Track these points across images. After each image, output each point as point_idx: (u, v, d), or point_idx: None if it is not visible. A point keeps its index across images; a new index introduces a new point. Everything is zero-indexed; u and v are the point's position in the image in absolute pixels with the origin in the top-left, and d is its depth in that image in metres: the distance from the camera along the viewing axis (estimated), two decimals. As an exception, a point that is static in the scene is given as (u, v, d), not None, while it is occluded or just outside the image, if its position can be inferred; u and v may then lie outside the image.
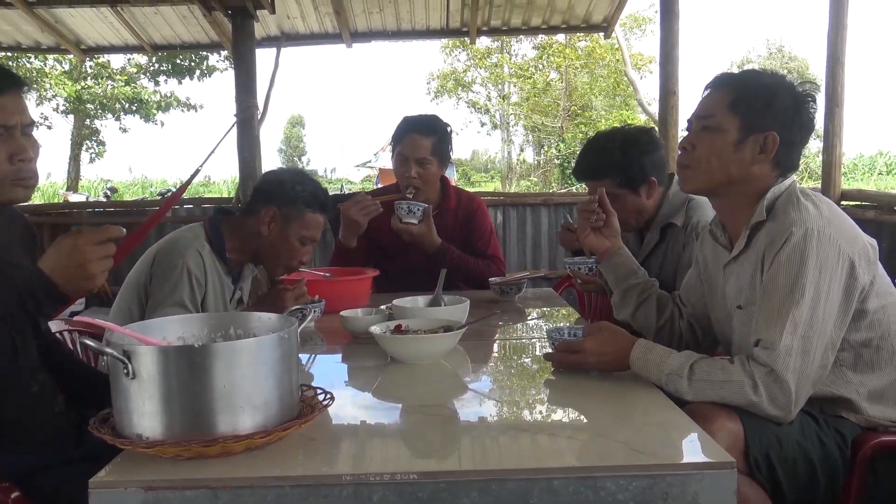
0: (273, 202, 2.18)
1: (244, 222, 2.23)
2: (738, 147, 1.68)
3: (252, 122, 5.55)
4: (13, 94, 1.46)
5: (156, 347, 1.18)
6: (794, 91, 1.69)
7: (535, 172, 25.07)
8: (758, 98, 1.67)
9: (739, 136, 1.67)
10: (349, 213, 2.75)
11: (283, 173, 2.29)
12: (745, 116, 1.67)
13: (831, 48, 4.54)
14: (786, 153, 1.68)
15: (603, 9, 6.54)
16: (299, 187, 2.22)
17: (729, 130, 1.68)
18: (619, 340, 1.65)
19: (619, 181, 2.37)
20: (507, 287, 2.64)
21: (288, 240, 2.20)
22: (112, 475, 1.13)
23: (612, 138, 2.44)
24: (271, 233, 2.20)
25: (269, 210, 2.18)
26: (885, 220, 4.24)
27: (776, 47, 30.15)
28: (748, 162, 1.68)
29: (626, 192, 2.37)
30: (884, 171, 23.35)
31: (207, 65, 16.71)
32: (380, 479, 1.11)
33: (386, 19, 6.48)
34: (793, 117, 1.67)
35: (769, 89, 1.68)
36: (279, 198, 2.19)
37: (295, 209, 2.19)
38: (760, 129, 1.66)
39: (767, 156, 1.66)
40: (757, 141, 1.66)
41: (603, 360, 1.64)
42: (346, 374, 1.77)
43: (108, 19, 6.37)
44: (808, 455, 1.53)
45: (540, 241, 6.11)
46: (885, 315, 1.62)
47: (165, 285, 2.06)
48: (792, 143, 1.68)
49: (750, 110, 1.67)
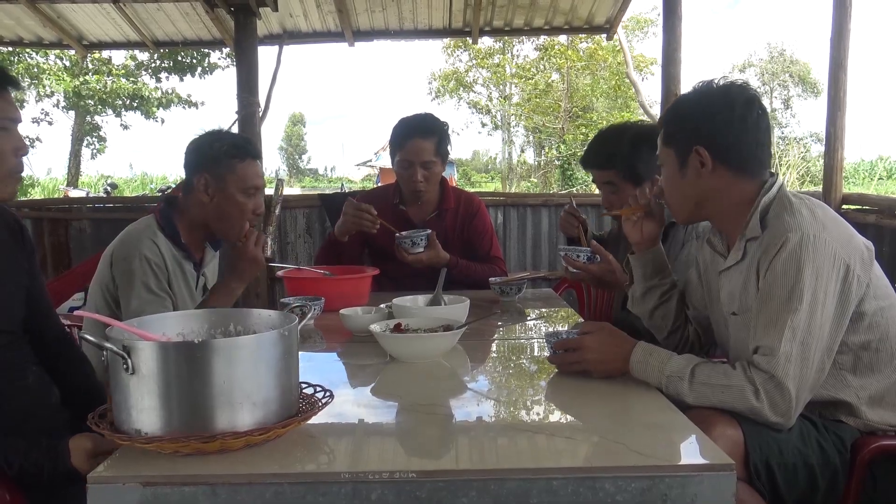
0: (201, 169, 2.16)
1: (187, 202, 2.21)
2: (682, 173, 1.75)
3: (253, 119, 5.53)
4: (7, 92, 1.53)
5: (156, 343, 1.18)
6: (708, 96, 1.73)
7: (535, 173, 25.07)
8: (676, 124, 1.77)
9: (679, 163, 1.75)
10: (346, 213, 2.75)
11: (198, 139, 2.25)
12: (674, 144, 1.76)
13: (834, 52, 4.53)
14: (728, 156, 1.69)
15: (606, 10, 6.53)
16: (217, 143, 2.19)
17: (669, 163, 1.79)
18: (619, 341, 1.65)
19: (623, 174, 2.39)
20: (507, 287, 2.64)
21: (231, 198, 2.17)
22: (110, 470, 1.13)
23: (623, 131, 2.46)
24: (212, 198, 2.17)
25: (200, 178, 2.16)
26: (886, 225, 4.24)
27: (777, 51, 30.16)
28: (697, 179, 1.73)
29: (629, 186, 2.38)
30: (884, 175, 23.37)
31: (209, 62, 16.71)
32: (378, 478, 1.11)
33: (388, 18, 6.48)
34: (710, 121, 1.69)
35: (680, 111, 1.79)
36: (204, 162, 2.17)
37: (223, 165, 2.16)
38: (689, 148, 1.72)
39: (709, 167, 1.70)
40: (694, 159, 1.71)
41: (602, 358, 1.62)
42: (345, 372, 1.76)
43: (110, 15, 6.35)
44: (807, 461, 1.53)
45: (540, 242, 6.09)
46: (883, 318, 1.62)
47: (129, 282, 2.06)
48: (728, 145, 1.69)
49: (673, 138, 1.77)
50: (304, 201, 6.12)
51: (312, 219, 5.95)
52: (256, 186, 2.21)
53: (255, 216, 2.22)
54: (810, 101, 29.33)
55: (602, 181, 2.46)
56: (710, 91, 1.74)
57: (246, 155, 2.20)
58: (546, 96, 23.55)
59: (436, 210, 3.00)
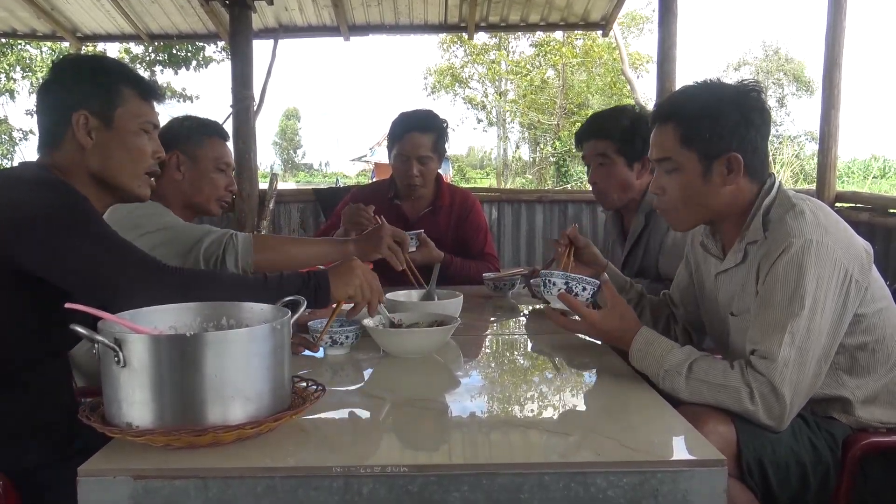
0: (172, 147, 2.17)
1: (161, 184, 2.19)
2: (705, 179, 1.66)
3: (248, 113, 5.53)
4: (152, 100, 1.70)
5: (147, 336, 1.17)
6: (737, 100, 1.65)
7: (530, 170, 25.07)
8: (704, 126, 1.64)
9: (703, 168, 1.65)
10: (346, 216, 2.73)
11: (169, 121, 2.30)
12: (700, 148, 1.65)
13: (828, 51, 4.54)
14: (754, 161, 1.66)
15: (601, 7, 6.54)
16: (187, 122, 2.27)
17: (690, 167, 1.66)
18: (627, 325, 1.66)
19: (617, 147, 2.41)
20: (500, 283, 2.64)
21: (204, 173, 2.24)
22: (101, 463, 1.13)
23: (625, 108, 2.50)
24: (185, 175, 2.22)
25: (171, 156, 2.18)
26: (879, 223, 4.26)
27: (773, 49, 30.19)
28: (721, 186, 1.66)
29: (621, 161, 2.41)
30: (878, 174, 23.45)
31: (204, 55, 16.61)
32: (370, 472, 1.11)
33: (384, 13, 6.47)
34: (745, 127, 1.63)
35: (712, 112, 1.64)
36: (174, 139, 2.19)
37: (193, 141, 2.23)
38: (719, 153, 1.64)
39: (738, 174, 1.65)
40: (721, 164, 1.64)
41: (605, 337, 1.66)
42: (338, 366, 1.76)
43: (104, 7, 6.33)
44: (800, 459, 1.53)
45: (534, 239, 6.11)
46: (880, 319, 1.62)
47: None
48: (756, 150, 1.66)
49: (702, 141, 1.64)
50: (299, 196, 6.12)
51: (307, 213, 5.95)
52: (227, 163, 2.29)
53: (228, 192, 2.30)
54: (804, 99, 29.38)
55: (594, 153, 2.46)
56: (738, 92, 1.65)
57: (215, 133, 2.29)
58: (541, 93, 23.53)
59: (430, 206, 3.00)
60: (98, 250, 1.46)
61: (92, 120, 1.59)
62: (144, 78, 1.73)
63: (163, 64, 17.35)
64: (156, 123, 1.71)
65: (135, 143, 1.65)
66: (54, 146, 1.61)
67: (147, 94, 1.70)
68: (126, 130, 1.64)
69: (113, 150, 1.63)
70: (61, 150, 1.60)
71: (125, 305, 1.33)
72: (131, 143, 1.65)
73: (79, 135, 1.58)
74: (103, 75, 1.65)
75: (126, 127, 1.64)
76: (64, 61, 1.72)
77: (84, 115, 1.58)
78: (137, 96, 1.67)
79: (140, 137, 1.66)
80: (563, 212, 6.14)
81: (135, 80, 1.69)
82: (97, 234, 1.48)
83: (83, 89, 1.61)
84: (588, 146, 2.49)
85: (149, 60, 17.60)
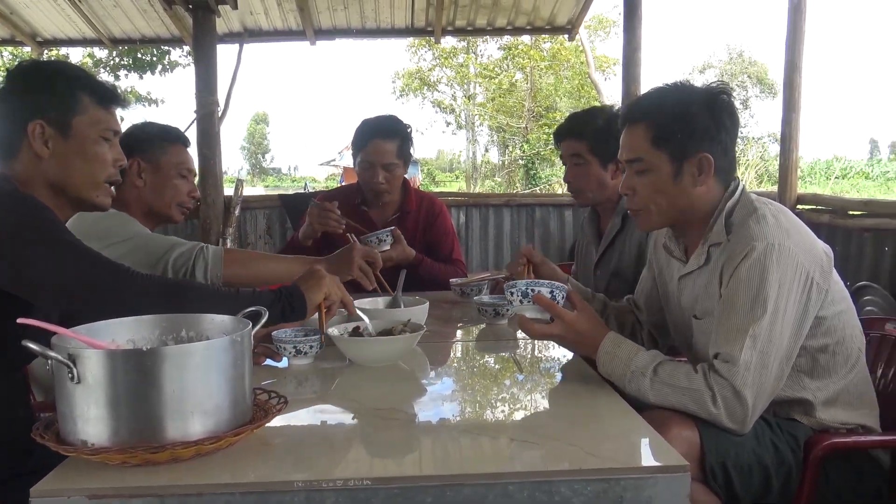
0: (132, 154, 2.14)
1: (122, 192, 2.17)
2: (676, 179, 1.67)
3: (212, 118, 5.47)
4: (113, 108, 1.68)
5: (103, 351, 1.14)
6: (707, 100, 1.66)
7: (499, 173, 25.12)
8: (676, 126, 1.65)
9: (674, 169, 1.67)
10: (311, 215, 2.72)
11: (129, 127, 2.26)
12: (671, 149, 1.66)
13: (789, 54, 4.61)
14: (723, 163, 1.68)
15: (567, 10, 6.58)
16: (147, 128, 2.25)
17: (661, 168, 1.68)
18: (594, 330, 1.65)
19: (591, 147, 2.43)
20: (467, 289, 2.63)
21: (166, 180, 2.22)
22: (55, 483, 1.09)
23: (602, 110, 2.54)
24: (146, 182, 2.21)
25: (132, 163, 2.15)
26: (839, 225, 4.32)
27: (736, 52, 30.63)
28: (692, 187, 1.68)
29: (595, 162, 2.45)
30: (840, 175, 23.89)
31: (170, 59, 16.42)
32: (332, 486, 1.09)
33: (350, 17, 6.45)
34: (716, 128, 1.65)
35: (683, 113, 1.65)
36: (134, 147, 2.16)
37: (154, 148, 2.21)
38: (690, 154, 1.65)
39: (708, 175, 1.66)
40: (692, 165, 1.66)
41: (573, 340, 1.65)
42: (302, 376, 1.74)
43: (65, 11, 6.23)
44: (762, 461, 1.54)
45: (502, 242, 6.11)
46: (840, 321, 1.64)
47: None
48: (725, 151, 1.68)
49: (673, 142, 1.66)
50: (265, 202, 6.06)
51: (273, 219, 5.90)
52: (189, 169, 2.28)
53: (190, 198, 2.28)
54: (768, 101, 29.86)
55: (570, 153, 2.49)
56: (709, 94, 1.67)
57: (176, 139, 2.27)
58: (510, 96, 23.61)
59: (398, 212, 2.99)
60: (64, 261, 1.43)
61: (48, 129, 1.56)
62: (104, 84, 1.70)
63: (127, 68, 17.10)
64: (116, 130, 1.68)
65: (94, 151, 1.62)
66: (12, 156, 1.57)
67: (107, 100, 1.66)
68: (84, 139, 1.61)
69: (71, 160, 1.59)
70: (19, 160, 1.57)
71: (96, 315, 1.31)
72: (90, 152, 1.62)
73: (35, 145, 1.55)
74: (60, 83, 1.61)
75: (84, 135, 1.61)
76: (19, 69, 1.68)
77: (40, 125, 1.55)
78: (96, 103, 1.64)
79: (100, 146, 1.63)
80: (530, 215, 6.15)
81: (93, 86, 1.65)
82: (62, 245, 1.46)
83: (39, 98, 1.57)
84: (564, 146, 2.52)
85: (113, 65, 17.36)
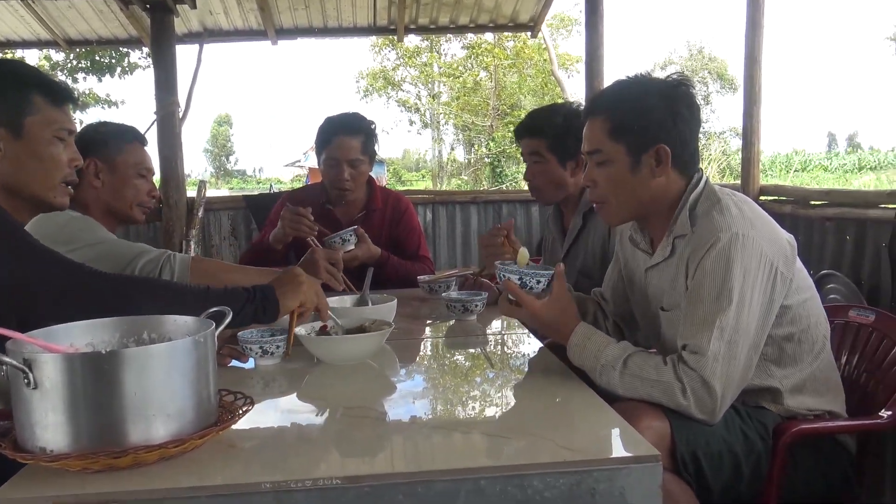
0: (89, 154, 2.09)
1: (80, 193, 2.09)
2: (634, 171, 1.68)
3: (173, 119, 5.37)
4: (67, 106, 1.64)
5: (60, 355, 1.11)
6: (665, 93, 1.67)
7: (465, 171, 25.18)
8: (633, 119, 1.66)
9: (632, 161, 1.68)
10: (284, 219, 2.66)
11: (84, 127, 2.22)
12: (628, 141, 1.67)
13: (748, 48, 4.66)
14: (683, 154, 1.68)
15: (529, 8, 6.59)
16: (102, 128, 2.21)
17: (619, 159, 1.69)
18: (566, 319, 1.67)
19: (550, 144, 2.41)
20: (436, 285, 2.62)
21: (125, 180, 2.17)
22: (13, 492, 1.06)
23: (561, 107, 2.51)
24: (104, 183, 2.16)
25: (88, 163, 2.10)
26: (801, 215, 4.38)
27: (697, 48, 31.06)
28: (650, 178, 1.68)
29: (553, 160, 2.43)
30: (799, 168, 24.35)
31: (129, 61, 16.16)
32: (301, 486, 1.07)
33: (312, 16, 6.38)
34: (673, 120, 1.66)
35: (640, 105, 1.67)
36: (90, 148, 2.10)
37: (111, 148, 2.16)
38: (647, 146, 1.66)
39: (666, 166, 1.67)
40: (650, 157, 1.67)
41: (545, 326, 1.68)
42: (270, 377, 1.71)
43: (17, 12, 6.07)
44: (732, 449, 1.56)
45: (469, 240, 6.10)
46: (804, 309, 1.66)
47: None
48: (685, 143, 1.68)
49: (630, 134, 1.67)
50: (229, 203, 5.98)
51: (237, 220, 5.81)
52: (148, 168, 2.23)
53: (150, 197, 2.24)
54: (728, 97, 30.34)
55: (529, 151, 2.48)
56: (666, 86, 1.68)
57: (133, 138, 2.22)
58: (474, 94, 23.67)
59: (363, 210, 2.96)
60: (22, 263, 1.39)
61: (0, 131, 1.52)
62: (56, 82, 1.66)
63: (85, 71, 16.81)
64: (71, 130, 1.65)
65: (48, 152, 1.59)
66: None
67: (60, 99, 1.62)
68: (38, 139, 1.57)
69: (24, 161, 1.56)
70: None
71: (57, 318, 1.27)
72: (44, 153, 1.58)
73: None
74: (9, 83, 1.57)
75: (38, 136, 1.57)
76: None
77: None
78: (49, 103, 1.60)
79: (54, 146, 1.60)
80: (497, 212, 6.15)
81: (46, 86, 1.61)
82: (20, 247, 1.42)
83: None
84: (523, 144, 2.51)
85: (70, 67, 17.03)
